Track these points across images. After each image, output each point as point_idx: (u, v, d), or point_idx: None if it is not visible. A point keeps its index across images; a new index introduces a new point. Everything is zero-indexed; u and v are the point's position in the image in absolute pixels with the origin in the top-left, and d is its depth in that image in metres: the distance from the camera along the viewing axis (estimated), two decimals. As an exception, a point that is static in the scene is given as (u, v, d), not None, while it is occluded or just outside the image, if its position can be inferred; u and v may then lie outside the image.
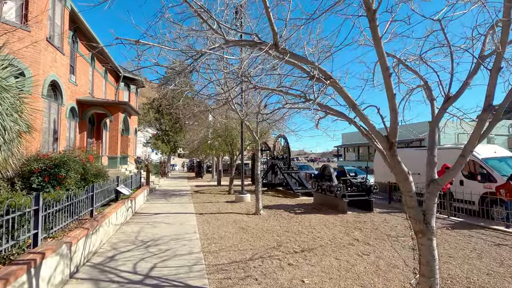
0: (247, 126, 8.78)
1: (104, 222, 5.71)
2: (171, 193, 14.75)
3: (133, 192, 10.41)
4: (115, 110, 17.87)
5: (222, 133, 13.89)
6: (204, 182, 21.43)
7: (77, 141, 16.85)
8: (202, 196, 13.37)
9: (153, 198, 12.62)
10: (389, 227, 7.10)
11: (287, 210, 9.46)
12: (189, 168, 40.65)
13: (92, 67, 19.40)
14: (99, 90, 20.49)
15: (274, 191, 15.17)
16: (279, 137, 15.82)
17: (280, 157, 15.94)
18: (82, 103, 17.01)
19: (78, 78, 16.84)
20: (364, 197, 9.20)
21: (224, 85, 7.25)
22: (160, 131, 37.26)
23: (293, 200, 11.97)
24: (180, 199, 12.23)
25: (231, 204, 10.78)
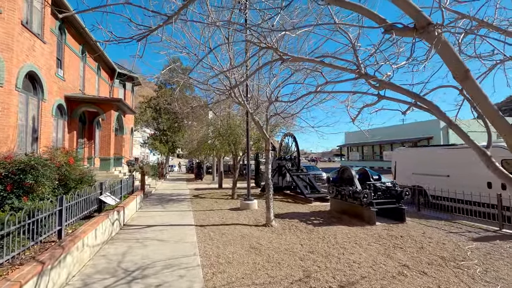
0: (256, 122, 7.39)
1: (75, 247, 4.32)
2: (168, 198, 13.35)
3: (123, 199, 9.02)
4: (107, 107, 16.45)
5: (224, 131, 12.52)
6: (204, 185, 20.03)
7: (66, 141, 15.43)
8: (203, 201, 11.98)
9: (147, 204, 11.22)
10: (437, 245, 5.73)
11: (303, 220, 8.07)
12: (188, 169, 39.23)
13: (83, 62, 17.98)
14: (91, 87, 19.07)
15: (282, 195, 13.78)
16: (286, 136, 14.44)
17: (287, 157, 14.55)
18: (71, 100, 15.59)
19: (66, 73, 15.42)
20: (394, 205, 7.82)
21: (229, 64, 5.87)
22: (158, 131, 35.81)
23: (306, 206, 10.58)
24: (178, 206, 10.83)
25: (236, 213, 9.39)
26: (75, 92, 16.37)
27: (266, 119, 7.80)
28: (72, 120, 15.89)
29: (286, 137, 14.41)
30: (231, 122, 11.77)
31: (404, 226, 7.29)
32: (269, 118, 7.65)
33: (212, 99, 8.37)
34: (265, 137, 7.49)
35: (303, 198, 11.61)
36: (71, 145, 15.76)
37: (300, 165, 13.86)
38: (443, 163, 10.18)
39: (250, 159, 15.65)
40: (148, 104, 35.36)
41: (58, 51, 14.81)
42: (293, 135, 13.75)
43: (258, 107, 7.08)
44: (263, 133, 7.46)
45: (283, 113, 7.13)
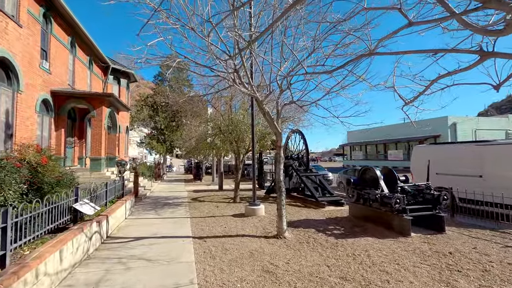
0: (266, 113, 6.11)
1: (22, 280, 3.05)
2: (163, 201, 12.06)
3: (108, 205, 7.73)
4: (98, 103, 15.15)
5: (225, 128, 11.24)
6: (203, 186, 18.74)
7: (53, 140, 14.11)
8: (202, 206, 10.70)
9: (139, 210, 9.93)
10: (503, 266, 4.47)
11: (321, 230, 6.81)
12: (186, 170, 37.91)
13: (72, 55, 16.66)
14: (82, 82, 17.76)
15: (289, 198, 12.52)
16: (293, 133, 13.17)
17: (294, 156, 13.28)
18: (58, 95, 14.28)
19: (53, 65, 14.11)
20: (429, 212, 6.56)
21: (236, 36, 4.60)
22: (155, 130, 34.48)
23: (319, 212, 9.31)
24: (174, 211, 9.56)
25: (241, 220, 8.12)
26: (63, 86, 15.08)
27: (277, 110, 6.52)
28: (59, 117, 14.59)
29: (293, 134, 13.16)
30: (233, 117, 10.49)
31: (445, 238, 6.04)
32: (282, 107, 6.37)
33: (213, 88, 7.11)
34: (277, 131, 6.22)
35: (315, 201, 10.34)
36: (58, 144, 14.46)
37: (309, 165, 12.60)
38: (474, 162, 8.94)
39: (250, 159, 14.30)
40: (144, 102, 34.02)
41: (43, 41, 13.51)
42: (301, 132, 12.50)
43: (271, 92, 5.81)
44: (275, 126, 6.19)
45: (300, 101, 5.86)
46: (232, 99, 10.80)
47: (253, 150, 8.91)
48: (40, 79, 12.94)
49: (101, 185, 7.80)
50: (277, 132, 6.29)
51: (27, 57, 11.85)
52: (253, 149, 8.88)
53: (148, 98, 33.98)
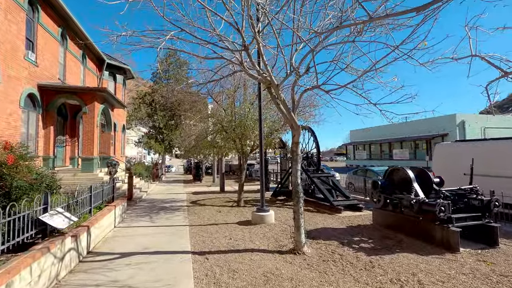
0: (282, 101, 4.98)
1: None
2: (160, 205, 10.94)
3: (93, 212, 6.60)
4: (90, 99, 14.00)
5: (227, 124, 10.12)
6: (203, 188, 17.61)
7: (40, 138, 12.98)
8: (202, 210, 9.58)
9: (132, 216, 8.81)
10: None
11: (345, 243, 5.69)
12: (186, 170, 36.77)
13: (63, 48, 15.52)
14: (74, 76, 16.62)
15: (298, 201, 11.43)
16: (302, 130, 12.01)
17: (303, 155, 12.15)
18: (45, 90, 13.14)
19: (40, 58, 12.96)
20: (479, 221, 5.45)
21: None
22: (153, 129, 33.33)
23: (336, 218, 8.19)
24: (171, 218, 8.44)
25: (248, 229, 6.99)
26: (52, 81, 13.95)
27: (293, 99, 5.38)
28: (48, 114, 13.46)
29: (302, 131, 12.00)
30: (237, 111, 9.35)
31: (500, 253, 4.93)
32: (302, 95, 5.22)
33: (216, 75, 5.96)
34: (294, 124, 5.09)
35: (329, 206, 9.21)
36: (47, 143, 13.34)
37: (320, 165, 11.47)
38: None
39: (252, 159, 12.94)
40: (142, 100, 32.86)
41: (29, 30, 12.37)
42: (311, 129, 11.37)
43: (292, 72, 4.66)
44: (292, 118, 5.06)
45: (327, 84, 4.71)
46: (236, 91, 9.65)
47: (261, 148, 7.77)
48: (25, 71, 11.82)
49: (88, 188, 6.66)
50: (294, 125, 5.16)
51: (8, 46, 10.72)
52: (261, 146, 7.74)
53: (146, 96, 32.83)
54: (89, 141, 14.04)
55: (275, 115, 9.89)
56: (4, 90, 10.56)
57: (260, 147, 7.79)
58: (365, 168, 15.10)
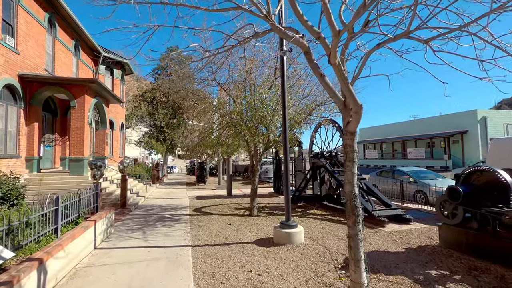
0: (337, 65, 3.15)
1: None
2: (158, 214, 9.18)
3: (61, 232, 4.84)
4: (79, 91, 12.27)
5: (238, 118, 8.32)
6: (208, 191, 15.83)
7: (23, 136, 11.28)
8: (209, 222, 7.80)
9: (121, 230, 7.05)
10: None
11: (421, 281, 3.86)
12: (189, 171, 35.06)
13: (52, 36, 13.81)
14: (65, 69, 14.91)
15: (323, 209, 9.57)
16: (321, 125, 10.19)
17: (326, 154, 10.31)
18: (28, 81, 11.44)
19: (22, 45, 11.25)
20: None
21: None
22: (154, 128, 31.65)
23: (382, 234, 6.34)
24: (169, 233, 6.66)
25: (272, 253, 5.19)
26: (38, 72, 12.28)
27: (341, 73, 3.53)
28: (32, 108, 11.76)
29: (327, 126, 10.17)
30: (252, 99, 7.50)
31: None
32: (371, 53, 3.35)
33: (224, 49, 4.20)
34: (352, 101, 3.25)
35: (366, 217, 7.36)
36: (30, 142, 11.64)
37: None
38: None
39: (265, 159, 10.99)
40: (143, 97, 31.19)
41: (7, 11, 10.68)
42: (336, 122, 9.53)
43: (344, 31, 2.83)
44: (349, 92, 3.24)
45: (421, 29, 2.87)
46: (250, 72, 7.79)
47: (285, 143, 5.92)
48: (1, 58, 10.13)
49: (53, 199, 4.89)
50: (353, 104, 3.33)
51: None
52: (286, 141, 5.89)
53: (147, 93, 31.16)
54: (78, 140, 12.33)
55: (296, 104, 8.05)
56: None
57: (285, 141, 5.95)
58: (392, 169, 13.21)
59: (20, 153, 11.20)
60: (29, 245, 4.20)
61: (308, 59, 3.84)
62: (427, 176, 11.62)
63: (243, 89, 8.37)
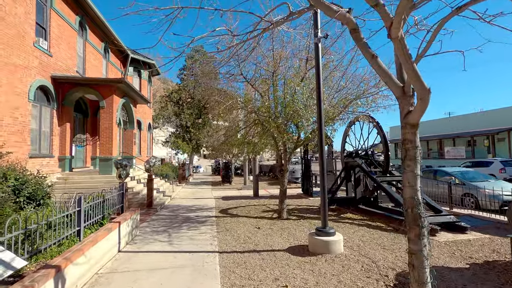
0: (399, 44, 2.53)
1: None
2: (184, 215, 8.90)
3: (84, 235, 4.60)
4: (107, 91, 12.40)
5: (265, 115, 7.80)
6: (233, 191, 15.49)
7: (55, 136, 11.58)
8: (236, 225, 7.34)
9: (146, 232, 6.80)
10: None
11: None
12: (214, 171, 35.16)
13: (82, 39, 14.17)
14: (95, 70, 15.28)
15: (358, 212, 8.77)
16: (357, 120, 9.35)
17: (361, 153, 9.47)
18: (60, 82, 11.73)
19: (55, 47, 11.55)
20: None
21: None
22: (180, 128, 32.08)
23: (436, 245, 5.50)
24: (195, 236, 6.28)
25: (308, 263, 4.59)
26: (70, 74, 12.60)
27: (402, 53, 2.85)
28: (64, 109, 12.06)
29: (358, 122, 9.35)
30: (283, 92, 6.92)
31: None
32: (447, 19, 2.69)
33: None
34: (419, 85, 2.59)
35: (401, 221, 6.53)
36: (62, 142, 11.94)
37: (389, 166, 8.71)
38: None
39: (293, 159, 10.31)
40: (169, 98, 31.73)
41: (40, 15, 10.97)
42: (373, 118, 8.68)
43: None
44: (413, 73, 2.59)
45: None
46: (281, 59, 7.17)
47: (320, 139, 5.29)
48: (35, 60, 10.40)
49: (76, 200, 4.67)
50: (419, 88, 2.66)
51: (12, 30, 9.31)
52: (321, 135, 5.26)
53: (173, 94, 31.65)
54: (107, 139, 12.47)
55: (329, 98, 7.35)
56: (9, 80, 9.13)
57: (320, 138, 5.31)
58: (434, 169, 11.99)
59: (53, 153, 11.49)
60: (51, 248, 3.96)
61: (356, 38, 3.21)
62: (475, 177, 10.34)
63: (271, 83, 7.81)
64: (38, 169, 10.57)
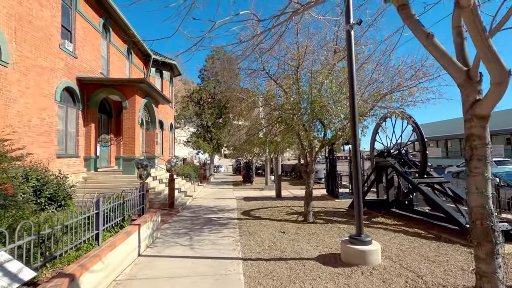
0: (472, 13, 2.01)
1: None
2: (205, 216, 8.65)
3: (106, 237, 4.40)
4: (130, 92, 12.46)
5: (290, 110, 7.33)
6: (255, 191, 15.13)
7: (81, 137, 11.80)
8: (259, 229, 6.95)
9: (167, 234, 6.58)
10: None
11: None
12: (235, 170, 35.05)
13: (106, 40, 14.40)
14: (119, 72, 15.52)
15: (390, 216, 8.07)
16: (389, 117, 8.63)
17: (394, 153, 8.73)
18: (85, 83, 11.94)
19: (80, 49, 11.76)
20: None
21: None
22: (201, 127, 32.27)
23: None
24: (217, 241, 5.95)
25: (343, 276, 4.07)
26: (94, 75, 12.81)
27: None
28: (89, 110, 12.26)
29: (390, 119, 8.61)
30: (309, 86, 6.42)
31: None
32: None
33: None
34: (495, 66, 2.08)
35: (458, 231, 5.79)
36: (88, 142, 12.14)
37: (427, 165, 7.94)
38: None
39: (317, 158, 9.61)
40: (190, 98, 32.01)
41: (65, 17, 11.18)
42: (412, 117, 7.91)
43: None
44: (486, 46, 2.05)
45: None
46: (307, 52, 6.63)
47: (354, 133, 4.75)
48: (61, 62, 10.59)
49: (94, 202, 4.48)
50: (494, 70, 2.13)
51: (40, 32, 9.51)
52: (354, 128, 4.72)
53: (194, 94, 31.89)
54: (130, 139, 12.54)
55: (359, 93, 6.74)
56: (36, 82, 9.33)
57: (354, 134, 4.78)
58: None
59: (79, 153, 11.70)
60: (69, 252, 3.77)
61: (406, 15, 2.69)
62: (523, 178, 9.23)
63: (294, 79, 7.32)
64: (65, 169, 10.83)
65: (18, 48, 8.44)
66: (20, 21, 8.62)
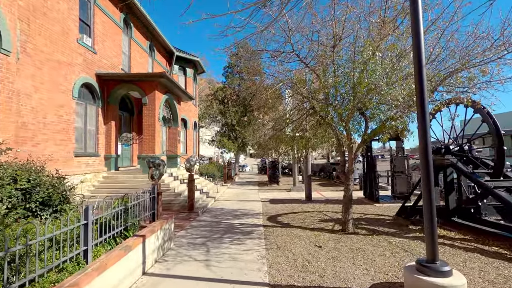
0: None
1: None
2: (226, 222, 7.64)
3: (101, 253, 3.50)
4: (149, 87, 11.84)
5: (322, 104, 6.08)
6: (282, 193, 13.93)
7: (101, 135, 11.35)
8: (289, 240, 5.79)
9: (182, 244, 5.64)
10: None
11: None
12: (260, 170, 34.02)
13: (127, 36, 13.97)
14: (141, 68, 15.07)
15: (451, 227, 6.52)
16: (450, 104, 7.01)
17: (454, 150, 7.13)
18: (104, 79, 11.48)
19: (99, 44, 11.31)
20: None
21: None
22: (225, 126, 31.63)
23: None
24: (239, 257, 4.86)
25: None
26: (115, 71, 12.38)
27: None
28: (109, 107, 11.80)
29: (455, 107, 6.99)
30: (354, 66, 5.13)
31: None
32: None
33: None
34: None
35: None
36: (108, 140, 11.69)
37: (504, 165, 6.29)
38: None
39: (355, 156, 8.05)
40: (214, 96, 31.50)
41: (83, 11, 10.76)
42: (480, 104, 6.30)
43: None
44: None
45: None
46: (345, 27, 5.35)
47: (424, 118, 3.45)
48: (79, 57, 10.14)
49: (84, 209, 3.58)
50: None
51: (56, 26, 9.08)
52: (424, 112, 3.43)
53: (218, 92, 31.32)
54: (150, 137, 11.92)
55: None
56: (52, 77, 8.89)
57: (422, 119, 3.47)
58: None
59: (99, 151, 11.25)
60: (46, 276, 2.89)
61: None
62: None
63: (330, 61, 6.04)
64: (84, 168, 10.41)
65: (31, 41, 8.00)
66: (34, 13, 8.19)
